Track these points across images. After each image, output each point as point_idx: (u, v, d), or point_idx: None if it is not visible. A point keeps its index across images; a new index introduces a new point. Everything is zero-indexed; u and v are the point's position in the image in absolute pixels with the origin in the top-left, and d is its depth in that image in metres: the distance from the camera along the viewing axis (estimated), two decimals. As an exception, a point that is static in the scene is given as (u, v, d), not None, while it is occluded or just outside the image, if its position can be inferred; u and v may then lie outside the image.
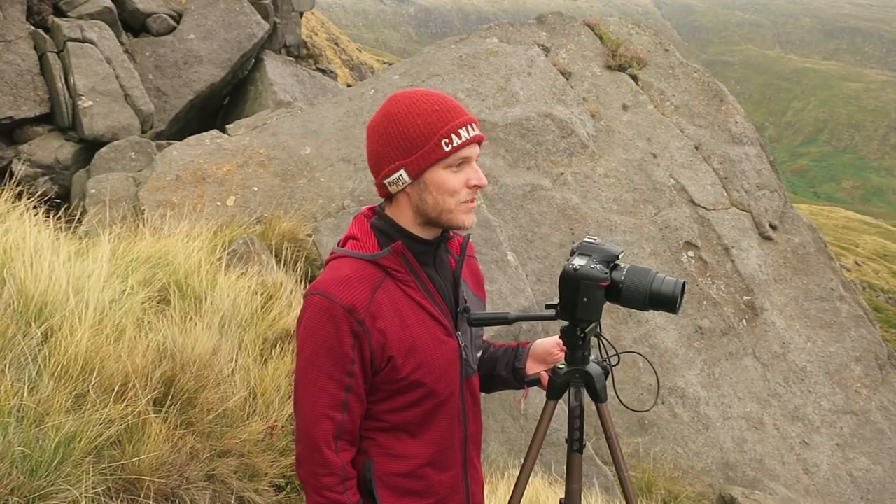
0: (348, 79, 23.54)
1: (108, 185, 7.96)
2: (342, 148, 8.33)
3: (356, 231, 1.82)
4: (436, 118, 1.73)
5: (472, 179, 1.76)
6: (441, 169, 1.74)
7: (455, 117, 1.74)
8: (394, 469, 1.80)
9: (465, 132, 1.74)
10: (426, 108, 1.74)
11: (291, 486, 3.59)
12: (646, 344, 7.87)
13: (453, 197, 1.75)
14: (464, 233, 1.96)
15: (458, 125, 1.73)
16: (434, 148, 1.72)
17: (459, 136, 1.73)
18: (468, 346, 1.88)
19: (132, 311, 3.83)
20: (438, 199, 1.75)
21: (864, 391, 8.45)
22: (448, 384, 1.81)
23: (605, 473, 6.08)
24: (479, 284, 2.03)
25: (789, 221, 9.38)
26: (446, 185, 1.74)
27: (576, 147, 8.88)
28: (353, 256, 1.77)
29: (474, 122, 1.78)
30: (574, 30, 10.62)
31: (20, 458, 2.55)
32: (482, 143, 1.82)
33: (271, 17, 15.64)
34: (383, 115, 1.78)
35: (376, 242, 1.79)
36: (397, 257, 1.76)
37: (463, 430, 1.88)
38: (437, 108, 1.74)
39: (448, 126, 1.72)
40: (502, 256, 6.76)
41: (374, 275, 1.74)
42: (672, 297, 1.83)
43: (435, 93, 1.79)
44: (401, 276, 1.77)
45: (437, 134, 1.72)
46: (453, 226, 1.78)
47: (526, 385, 2.06)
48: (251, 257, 5.90)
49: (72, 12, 12.04)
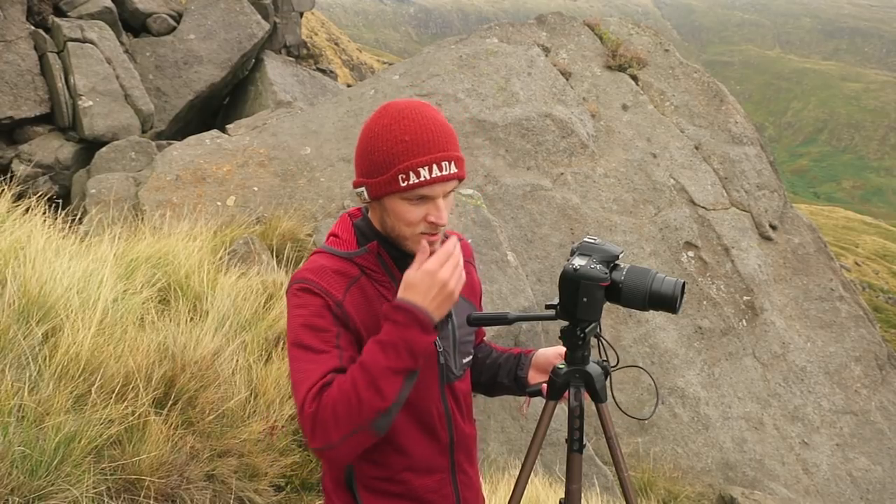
0: (348, 79, 23.55)
1: (109, 185, 7.96)
2: (342, 148, 8.34)
3: (338, 229, 1.84)
4: (401, 149, 1.66)
5: (431, 216, 1.69)
6: (398, 199, 1.69)
7: (421, 153, 1.65)
8: (373, 473, 1.80)
9: (427, 172, 1.65)
10: (398, 136, 1.67)
11: (291, 486, 3.59)
12: (646, 344, 7.87)
13: (409, 228, 1.71)
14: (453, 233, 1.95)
15: (421, 163, 1.65)
16: (390, 180, 1.67)
17: (418, 175, 1.65)
18: (449, 352, 1.85)
19: (133, 311, 3.83)
20: (395, 224, 1.73)
21: (864, 391, 8.45)
22: (422, 388, 1.78)
23: (605, 473, 6.08)
24: (472, 292, 1.99)
25: (789, 221, 9.38)
26: (403, 216, 1.70)
27: (576, 147, 8.89)
28: (331, 253, 1.78)
29: (448, 159, 1.67)
30: (574, 30, 10.62)
31: (20, 458, 2.56)
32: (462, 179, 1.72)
33: (271, 17, 15.64)
34: (367, 125, 1.75)
35: (355, 241, 1.80)
36: (373, 257, 1.77)
37: (448, 435, 1.86)
38: (408, 137, 1.66)
39: (409, 162, 1.65)
40: (502, 256, 6.76)
41: (350, 271, 1.75)
42: (672, 297, 1.83)
43: (422, 117, 1.69)
44: (376, 276, 1.77)
45: (395, 167, 1.66)
46: (408, 251, 1.74)
47: (527, 394, 2.06)
48: (251, 257, 5.90)
49: (72, 12, 12.05)
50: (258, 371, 3.92)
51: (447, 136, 1.71)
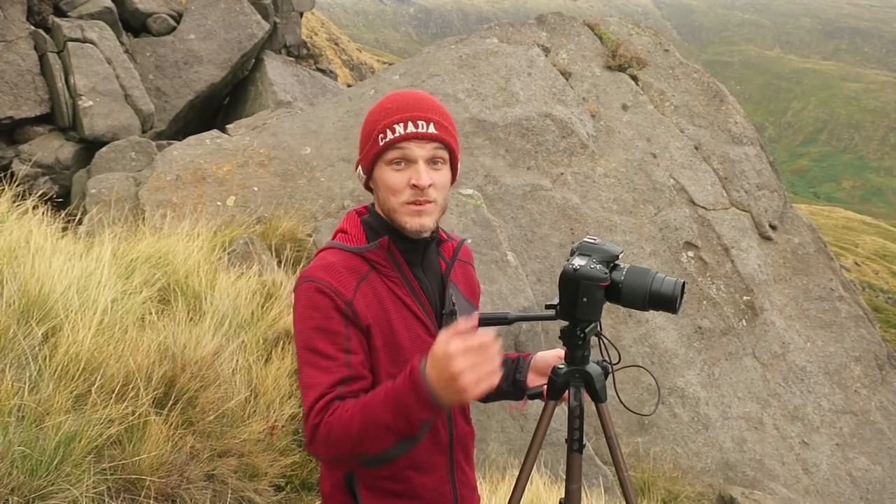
0: (348, 79, 23.55)
1: (109, 185, 7.96)
2: (342, 148, 8.34)
3: (346, 225, 1.84)
4: (382, 115, 1.71)
5: (412, 179, 1.70)
6: (384, 165, 1.72)
7: (398, 112, 1.70)
8: (375, 471, 1.79)
9: (402, 128, 1.68)
10: (382, 106, 1.73)
11: (291, 485, 3.59)
12: (646, 344, 7.88)
13: (395, 196, 1.72)
14: (458, 237, 1.96)
15: (397, 120, 1.69)
16: (374, 144, 1.72)
17: (393, 132, 1.68)
18: None
19: (133, 311, 3.83)
20: (384, 197, 1.75)
21: (864, 391, 8.45)
22: None
23: (605, 473, 6.07)
24: (473, 293, 2.00)
25: (789, 221, 9.38)
26: (387, 183, 1.72)
27: (576, 147, 8.89)
28: (340, 248, 1.78)
29: (425, 119, 1.70)
30: (574, 30, 10.62)
31: (20, 458, 2.55)
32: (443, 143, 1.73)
33: (271, 17, 15.64)
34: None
35: (364, 237, 1.80)
36: (383, 252, 1.77)
37: (448, 433, 1.86)
38: (390, 105, 1.72)
39: (387, 120, 1.69)
40: (502, 256, 6.76)
41: (360, 267, 1.75)
42: (672, 297, 1.83)
43: (413, 92, 1.76)
44: (386, 272, 1.77)
45: (376, 129, 1.71)
46: (400, 227, 1.75)
47: (527, 397, 2.05)
48: (251, 257, 5.90)
49: (72, 12, 12.05)
50: (258, 371, 3.92)
51: (432, 105, 1.74)
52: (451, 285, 1.88)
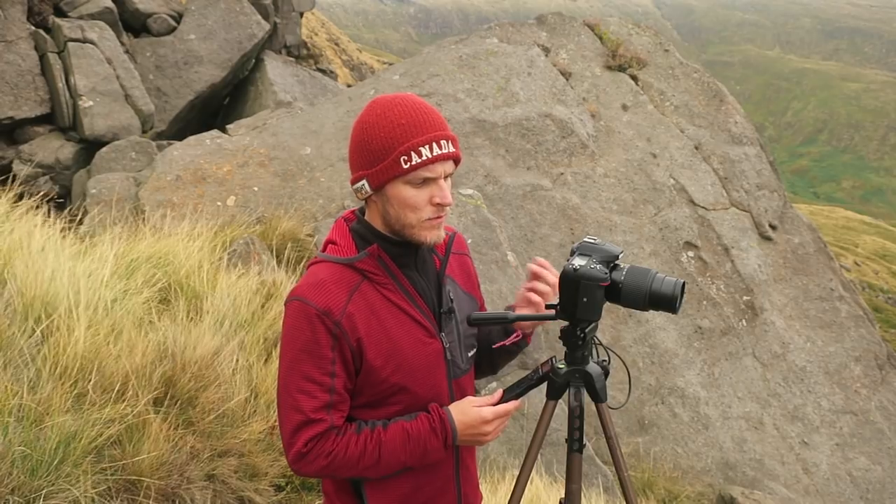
0: (348, 79, 23.55)
1: (109, 185, 7.96)
2: (342, 148, 8.34)
3: (335, 235, 1.83)
4: (399, 133, 1.67)
5: (437, 197, 1.70)
6: (402, 184, 1.69)
7: (420, 133, 1.67)
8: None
9: (428, 150, 1.66)
10: (393, 121, 1.68)
11: (292, 485, 3.59)
12: (646, 344, 7.88)
13: (415, 213, 1.71)
14: (451, 228, 1.95)
15: (421, 142, 1.66)
16: (392, 164, 1.67)
17: (420, 155, 1.66)
18: (455, 347, 1.86)
19: (133, 311, 3.83)
20: (400, 213, 1.72)
21: (864, 391, 8.45)
22: (432, 386, 1.80)
23: (605, 473, 6.07)
24: (471, 283, 2.00)
25: (789, 221, 9.38)
26: (407, 201, 1.70)
27: (576, 147, 8.89)
28: (331, 261, 1.77)
29: (446, 138, 1.69)
30: (574, 30, 10.62)
31: (20, 458, 2.56)
32: (457, 160, 1.73)
33: (271, 17, 15.65)
34: (358, 120, 1.76)
35: (354, 246, 1.79)
36: (374, 260, 1.75)
37: None
38: (404, 121, 1.67)
39: (410, 143, 1.66)
40: (502, 256, 6.76)
41: (351, 278, 1.74)
42: (672, 297, 1.83)
43: (413, 102, 1.71)
44: (378, 279, 1.75)
45: (396, 149, 1.66)
46: (416, 241, 1.74)
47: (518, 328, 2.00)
48: (251, 257, 5.90)
49: (72, 12, 12.05)
50: (258, 371, 3.92)
51: (439, 118, 1.74)
52: (447, 281, 1.88)
